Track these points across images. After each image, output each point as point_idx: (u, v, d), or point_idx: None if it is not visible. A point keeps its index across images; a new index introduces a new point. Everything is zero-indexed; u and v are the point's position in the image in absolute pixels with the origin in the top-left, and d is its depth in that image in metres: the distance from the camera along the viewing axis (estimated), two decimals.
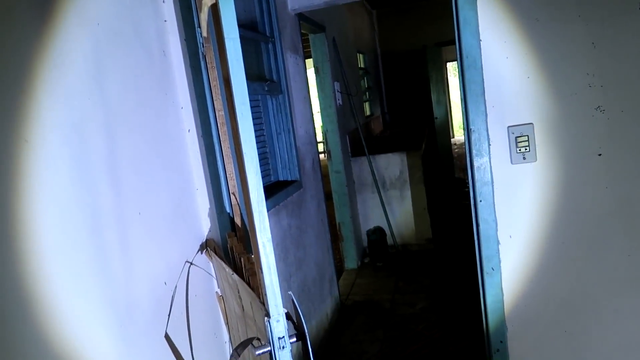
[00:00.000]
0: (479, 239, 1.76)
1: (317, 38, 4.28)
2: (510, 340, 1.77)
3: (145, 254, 1.58)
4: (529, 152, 1.68)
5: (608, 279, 1.68)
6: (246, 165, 1.04)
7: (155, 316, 1.59)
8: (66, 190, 1.27)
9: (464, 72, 1.69)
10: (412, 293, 3.90)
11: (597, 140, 1.63)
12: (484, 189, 1.72)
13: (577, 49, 1.61)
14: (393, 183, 4.74)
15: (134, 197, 1.56)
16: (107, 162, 1.45)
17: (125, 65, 1.61)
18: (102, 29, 1.52)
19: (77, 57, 1.38)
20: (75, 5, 1.40)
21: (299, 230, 3.04)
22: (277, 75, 2.95)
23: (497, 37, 1.66)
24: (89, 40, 1.44)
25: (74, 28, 1.38)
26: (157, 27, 1.84)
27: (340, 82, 4.66)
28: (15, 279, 1.09)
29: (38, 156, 1.20)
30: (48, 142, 1.24)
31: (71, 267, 1.25)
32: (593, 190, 1.65)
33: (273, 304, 1.08)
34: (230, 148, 1.91)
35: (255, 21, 2.88)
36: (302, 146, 3.24)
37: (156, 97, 1.78)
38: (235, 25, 1.02)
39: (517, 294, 1.75)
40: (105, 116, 1.47)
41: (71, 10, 1.38)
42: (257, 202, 1.06)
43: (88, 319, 1.29)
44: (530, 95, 1.66)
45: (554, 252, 1.70)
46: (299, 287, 2.88)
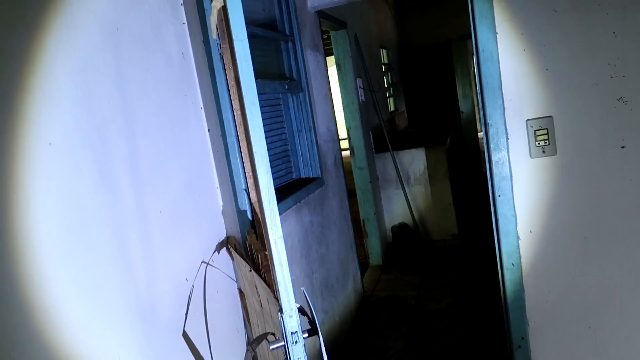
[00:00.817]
0: (498, 234, 1.74)
1: (339, 35, 4.28)
2: (531, 337, 1.75)
3: (166, 252, 1.62)
4: (548, 146, 1.65)
5: (632, 274, 1.63)
6: (257, 164, 1.06)
7: (177, 313, 1.63)
8: (89, 191, 1.32)
9: (481, 66, 1.68)
10: (438, 289, 3.87)
11: (620, 132, 1.59)
12: (503, 183, 1.70)
13: (597, 38, 1.57)
14: (417, 179, 4.71)
15: (155, 197, 1.61)
16: (128, 163, 1.50)
17: (145, 69, 1.66)
18: (122, 34, 1.56)
19: (97, 62, 1.43)
20: (96, 11, 1.45)
21: (321, 227, 3.05)
22: (297, 73, 2.97)
23: (513, 29, 1.63)
24: (109, 46, 1.49)
25: (95, 35, 1.43)
26: (176, 30, 1.89)
27: (362, 79, 4.65)
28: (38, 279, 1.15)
29: (61, 158, 1.25)
30: (71, 145, 1.29)
31: (94, 266, 1.30)
32: (616, 183, 1.61)
33: (285, 299, 1.09)
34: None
35: (275, 20, 2.90)
36: (323, 143, 3.26)
37: (176, 98, 1.83)
38: (244, 27, 1.05)
39: (538, 290, 1.72)
40: (125, 119, 1.52)
41: (91, 16, 1.43)
42: (268, 200, 1.08)
43: (111, 316, 1.34)
44: (549, 87, 1.63)
45: (575, 247, 1.66)
46: (321, 283, 2.90)
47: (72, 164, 1.29)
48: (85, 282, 1.27)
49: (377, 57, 5.82)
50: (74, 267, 1.24)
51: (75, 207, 1.27)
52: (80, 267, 1.26)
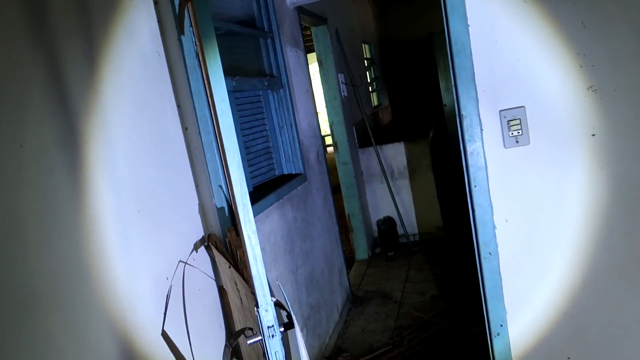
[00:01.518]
0: (475, 224, 1.77)
1: (319, 30, 4.28)
2: (510, 324, 1.78)
3: (145, 251, 1.62)
4: (521, 136, 1.67)
5: (606, 260, 1.67)
6: (228, 160, 1.07)
7: (158, 312, 1.63)
8: (63, 192, 1.31)
9: (454, 58, 1.69)
10: (423, 281, 3.91)
11: (591, 121, 1.62)
12: (478, 174, 1.72)
13: (567, 29, 1.60)
14: (401, 172, 4.74)
15: (133, 196, 1.60)
16: (105, 162, 1.50)
17: (119, 68, 1.65)
18: (94, 34, 1.55)
19: (68, 61, 1.41)
20: (65, 11, 1.44)
21: (305, 222, 3.06)
22: (277, 70, 2.97)
23: (485, 21, 1.65)
24: (80, 46, 1.48)
25: (64, 35, 1.42)
26: (151, 29, 1.88)
27: (344, 74, 4.66)
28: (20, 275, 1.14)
29: (35, 159, 1.24)
30: (44, 146, 1.28)
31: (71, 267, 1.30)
32: (588, 171, 1.64)
33: (261, 293, 1.11)
34: None
35: (253, 17, 2.90)
36: (305, 139, 3.27)
37: (152, 97, 1.82)
38: (211, 25, 1.05)
39: (515, 278, 1.75)
40: (100, 119, 1.51)
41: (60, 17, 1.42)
42: (241, 196, 1.09)
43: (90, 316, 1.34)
44: (520, 78, 1.65)
45: (550, 234, 1.69)
46: (306, 279, 2.92)
47: (47, 165, 1.28)
48: (63, 282, 1.26)
49: (359, 52, 5.83)
50: (50, 268, 1.23)
51: (49, 207, 1.26)
52: (57, 268, 1.25)
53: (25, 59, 1.27)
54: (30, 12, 1.31)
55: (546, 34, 1.61)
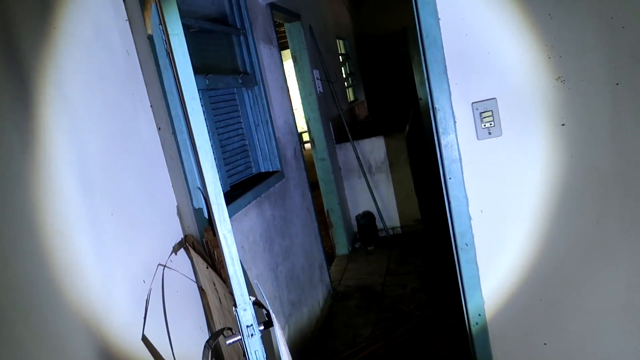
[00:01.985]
0: (451, 215, 1.79)
1: (293, 27, 4.26)
2: (488, 313, 1.81)
3: (121, 255, 1.59)
4: (494, 127, 1.69)
5: (578, 246, 1.71)
6: (201, 159, 1.06)
7: (135, 316, 1.61)
8: (30, 196, 1.28)
9: (426, 52, 1.70)
10: (404, 274, 3.94)
11: (560, 111, 1.65)
12: (453, 166, 1.74)
13: (535, 21, 1.62)
14: (379, 167, 4.76)
15: (106, 199, 1.57)
16: (75, 165, 1.46)
17: (88, 69, 1.61)
18: (59, 33, 1.52)
19: (34, 62, 1.38)
20: (29, 10, 1.40)
21: (284, 220, 3.06)
22: (251, 67, 2.95)
23: (455, 15, 1.67)
24: (45, 45, 1.44)
25: (27, 34, 1.38)
26: (119, 28, 1.84)
27: (319, 70, 4.65)
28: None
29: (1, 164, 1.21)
30: (9, 149, 1.24)
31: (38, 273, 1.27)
32: (558, 160, 1.67)
33: (239, 293, 1.10)
34: None
35: (225, 14, 2.87)
36: (282, 136, 3.25)
37: (123, 97, 1.79)
38: (179, 22, 1.03)
39: (491, 268, 1.78)
40: (69, 120, 1.48)
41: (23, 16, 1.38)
42: (215, 195, 1.07)
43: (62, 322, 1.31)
44: (491, 70, 1.67)
45: (524, 223, 1.72)
46: (287, 276, 2.91)
47: (13, 169, 1.24)
48: (30, 290, 1.23)
49: (333, 48, 5.83)
50: (14, 276, 1.20)
51: (16, 214, 1.23)
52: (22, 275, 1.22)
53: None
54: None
55: (515, 27, 1.64)
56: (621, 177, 1.65)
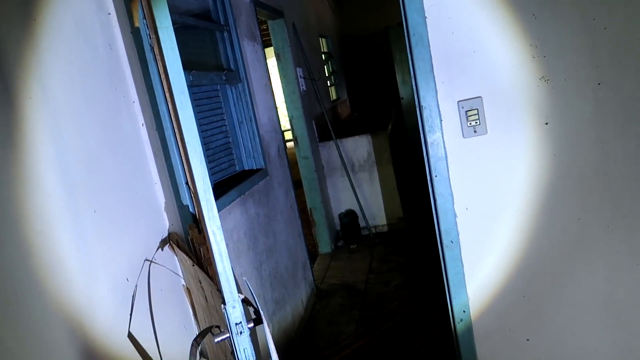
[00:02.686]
0: (437, 213, 1.80)
1: (276, 24, 4.24)
2: (472, 310, 1.83)
3: (104, 252, 1.56)
4: (479, 125, 1.71)
5: (560, 243, 1.74)
6: (189, 155, 1.04)
7: (119, 314, 1.58)
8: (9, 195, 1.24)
9: (412, 50, 1.71)
10: (386, 272, 3.96)
11: (543, 110, 1.67)
12: (439, 164, 1.75)
13: (519, 21, 1.64)
14: (362, 165, 4.77)
15: (88, 196, 1.54)
16: (56, 162, 1.43)
17: (69, 62, 1.57)
18: (39, 26, 1.48)
19: (12, 55, 1.34)
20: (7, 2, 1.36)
21: (268, 218, 3.04)
22: (235, 64, 2.92)
23: (441, 13, 1.68)
24: (25, 37, 1.40)
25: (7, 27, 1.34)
26: (101, 21, 1.80)
27: (303, 68, 4.64)
28: None
29: None
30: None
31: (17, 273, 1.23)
32: (542, 158, 1.70)
33: (227, 290, 1.08)
34: None
35: (209, 10, 2.84)
36: (265, 134, 3.23)
37: (105, 92, 1.75)
38: (168, 14, 1.01)
39: (476, 264, 1.80)
40: (50, 115, 1.44)
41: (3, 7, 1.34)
42: (204, 191, 1.06)
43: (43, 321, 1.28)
44: (477, 69, 1.69)
45: (509, 220, 1.75)
46: (270, 274, 2.90)
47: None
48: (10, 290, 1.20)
49: (316, 46, 5.82)
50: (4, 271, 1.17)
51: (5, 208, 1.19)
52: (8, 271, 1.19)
53: None
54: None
55: (501, 26, 1.65)
56: (602, 174, 1.68)
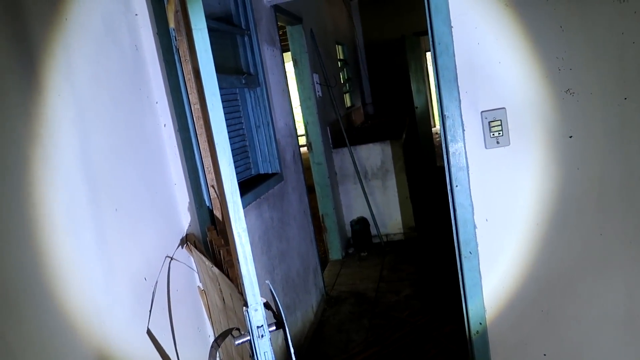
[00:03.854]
0: (456, 223, 1.79)
1: (295, 30, 4.26)
2: (489, 322, 1.81)
3: (123, 251, 1.57)
4: (502, 137, 1.70)
5: (581, 258, 1.72)
6: (218, 156, 1.04)
7: (136, 312, 1.59)
8: (38, 189, 1.26)
9: (437, 59, 1.71)
10: (397, 281, 3.94)
11: (568, 123, 1.66)
12: (460, 174, 1.74)
13: (546, 33, 1.64)
14: (375, 173, 4.76)
15: (110, 194, 1.55)
16: (81, 159, 1.44)
17: (96, 61, 1.59)
18: (70, 25, 1.49)
19: (44, 53, 1.36)
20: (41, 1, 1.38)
21: (281, 222, 3.04)
22: (254, 68, 2.94)
23: (468, 23, 1.68)
24: (56, 37, 1.42)
25: (40, 25, 1.36)
26: (128, 22, 1.82)
27: (319, 74, 4.66)
28: None
29: (9, 155, 1.18)
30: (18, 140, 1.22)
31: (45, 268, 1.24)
32: (565, 171, 1.68)
33: (250, 293, 1.08)
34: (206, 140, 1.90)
35: (230, 14, 2.86)
36: (282, 139, 3.24)
37: (130, 92, 1.77)
38: (203, 16, 1.02)
39: (494, 277, 1.78)
40: (77, 113, 1.45)
41: (36, 6, 1.36)
42: (231, 193, 1.06)
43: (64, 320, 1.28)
44: (501, 80, 1.68)
45: (529, 233, 1.73)
46: (282, 279, 2.89)
47: (21, 160, 1.22)
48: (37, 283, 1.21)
49: (332, 53, 5.84)
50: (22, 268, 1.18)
51: (24, 204, 1.20)
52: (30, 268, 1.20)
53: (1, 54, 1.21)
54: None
55: (526, 37, 1.65)
56: (626, 190, 1.66)
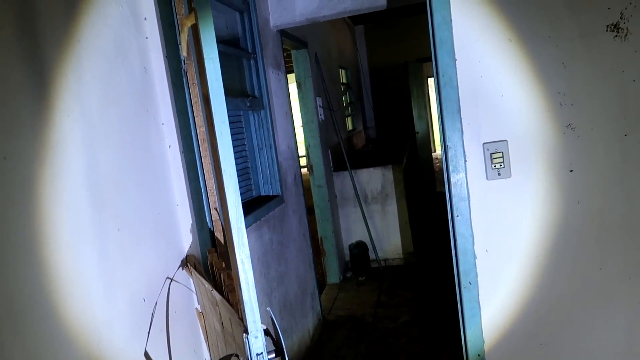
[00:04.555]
0: (456, 253, 1.79)
1: (300, 54, 4.33)
2: (487, 353, 1.80)
3: (124, 271, 1.57)
4: (503, 168, 1.72)
5: (580, 292, 1.72)
6: (225, 183, 1.06)
7: (134, 333, 1.58)
8: (44, 207, 1.27)
9: (441, 90, 1.74)
10: (394, 307, 3.92)
11: (569, 157, 1.68)
12: (461, 204, 1.76)
13: (549, 68, 1.67)
14: (375, 197, 4.78)
15: (114, 214, 1.56)
16: (87, 178, 1.45)
17: (106, 83, 1.62)
18: (83, 46, 1.53)
19: (56, 74, 1.38)
20: (55, 23, 1.41)
21: (281, 245, 3.04)
22: (259, 91, 2.97)
23: (471, 56, 1.71)
24: (69, 58, 1.44)
25: (53, 46, 1.39)
26: (139, 44, 1.86)
27: (322, 97, 4.71)
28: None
29: (17, 173, 1.20)
30: (27, 158, 1.24)
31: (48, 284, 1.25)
32: (565, 205, 1.70)
33: (251, 320, 1.08)
34: (211, 164, 1.92)
35: (238, 37, 2.91)
36: (284, 161, 3.26)
37: (137, 113, 1.79)
38: (215, 46, 1.05)
39: (493, 308, 1.78)
40: (85, 133, 1.47)
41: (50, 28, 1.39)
42: (236, 219, 1.07)
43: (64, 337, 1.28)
44: (504, 112, 1.71)
45: (528, 265, 1.73)
46: (280, 302, 2.88)
47: (30, 179, 1.23)
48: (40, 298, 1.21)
49: (336, 77, 5.91)
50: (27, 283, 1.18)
51: (31, 222, 1.21)
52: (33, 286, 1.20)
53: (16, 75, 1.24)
54: (20, 18, 1.28)
55: (529, 72, 1.68)
56: (626, 225, 1.67)
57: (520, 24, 1.67)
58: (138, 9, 1.85)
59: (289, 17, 3.33)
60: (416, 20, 7.16)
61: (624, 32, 1.60)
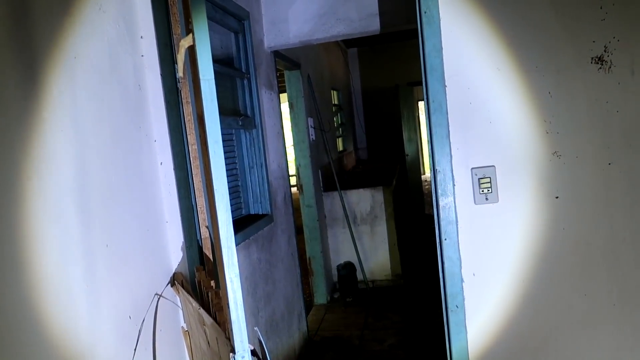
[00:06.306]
0: (444, 276, 1.81)
1: (292, 75, 4.38)
2: None
3: (110, 289, 1.56)
4: (491, 193, 1.75)
5: (565, 317, 1.73)
6: (217, 202, 1.07)
7: (119, 352, 1.56)
8: (32, 222, 1.26)
9: (431, 116, 1.77)
10: (382, 329, 3.90)
11: (555, 184, 1.72)
12: (449, 227, 1.78)
13: (535, 97, 1.71)
14: (364, 218, 4.79)
15: (102, 230, 1.55)
16: (77, 194, 1.45)
17: (101, 99, 1.63)
18: (78, 63, 1.54)
19: (51, 88, 1.39)
20: (52, 39, 1.43)
21: (269, 264, 3.03)
22: (252, 110, 3.00)
23: (461, 83, 1.75)
24: (64, 73, 1.46)
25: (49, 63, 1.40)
26: (134, 62, 1.88)
27: (314, 118, 4.75)
28: None
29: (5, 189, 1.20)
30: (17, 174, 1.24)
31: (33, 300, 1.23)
32: (551, 231, 1.73)
33: (239, 339, 1.08)
34: (202, 182, 1.92)
35: (232, 57, 2.95)
36: (274, 180, 3.28)
37: (130, 130, 1.80)
38: (211, 68, 1.07)
39: (480, 331, 1.79)
40: (77, 149, 1.48)
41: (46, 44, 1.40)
42: (226, 239, 1.08)
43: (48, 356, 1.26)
44: (492, 139, 1.75)
45: (514, 290, 1.75)
46: (267, 322, 2.86)
47: (18, 194, 1.23)
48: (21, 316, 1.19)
49: (328, 98, 5.97)
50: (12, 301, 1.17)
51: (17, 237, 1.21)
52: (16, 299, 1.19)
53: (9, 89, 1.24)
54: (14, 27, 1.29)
55: (517, 100, 1.72)
56: (610, 253, 1.70)
57: (509, 54, 1.72)
58: (135, 27, 1.88)
59: (283, 39, 3.38)
60: (408, 44, 7.29)
61: (607, 64, 1.65)
